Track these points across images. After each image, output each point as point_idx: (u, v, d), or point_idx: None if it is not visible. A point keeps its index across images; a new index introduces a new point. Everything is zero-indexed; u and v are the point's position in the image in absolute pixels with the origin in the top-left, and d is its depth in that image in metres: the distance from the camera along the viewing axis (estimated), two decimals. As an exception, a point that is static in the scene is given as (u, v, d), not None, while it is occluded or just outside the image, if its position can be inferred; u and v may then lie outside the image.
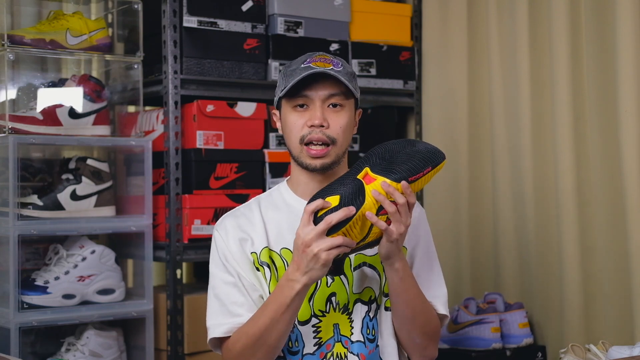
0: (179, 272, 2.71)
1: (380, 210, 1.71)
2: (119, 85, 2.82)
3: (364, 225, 1.72)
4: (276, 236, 1.91)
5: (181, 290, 2.71)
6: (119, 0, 2.84)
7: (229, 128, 2.82)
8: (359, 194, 1.70)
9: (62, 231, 2.59)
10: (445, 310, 1.95)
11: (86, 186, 2.64)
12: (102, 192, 2.68)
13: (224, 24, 2.83)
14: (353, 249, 1.74)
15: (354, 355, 1.87)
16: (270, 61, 2.91)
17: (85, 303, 2.60)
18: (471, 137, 3.23)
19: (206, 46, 2.79)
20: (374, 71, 3.13)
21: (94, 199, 2.66)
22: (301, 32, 2.97)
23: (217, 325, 1.87)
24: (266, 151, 2.87)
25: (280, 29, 2.92)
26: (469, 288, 3.22)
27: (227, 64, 2.84)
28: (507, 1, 3.03)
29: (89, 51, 2.67)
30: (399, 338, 1.92)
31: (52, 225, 2.55)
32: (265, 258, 1.89)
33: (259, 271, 1.89)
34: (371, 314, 1.90)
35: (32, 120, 2.55)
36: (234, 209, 1.99)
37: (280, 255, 1.90)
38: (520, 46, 2.96)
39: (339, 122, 1.86)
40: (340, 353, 1.87)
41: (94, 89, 2.66)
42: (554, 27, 2.81)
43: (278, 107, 1.94)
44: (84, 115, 2.64)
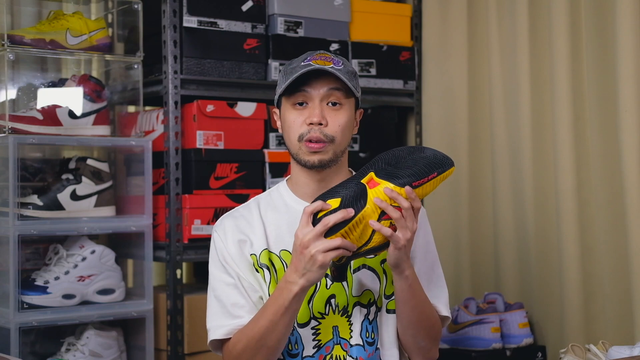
0: (179, 272, 2.71)
1: (383, 215, 1.70)
2: (119, 85, 2.82)
3: (365, 229, 1.70)
4: (275, 238, 1.90)
5: (181, 290, 2.71)
6: (119, 0, 2.84)
7: (229, 128, 2.82)
8: (360, 197, 1.69)
9: (62, 231, 2.59)
10: (447, 312, 1.94)
11: (86, 186, 2.64)
12: (102, 192, 2.68)
13: (224, 24, 2.83)
14: (354, 253, 1.72)
15: (353, 359, 1.86)
16: (270, 61, 2.91)
17: (85, 303, 2.60)
18: (471, 137, 3.23)
19: (206, 46, 2.79)
20: (374, 71, 3.13)
21: (94, 199, 2.66)
22: (301, 32, 2.97)
23: (217, 327, 1.87)
24: (266, 151, 2.87)
25: (280, 29, 2.92)
26: (469, 288, 3.22)
27: (227, 64, 2.84)
28: (507, 1, 3.03)
29: (89, 51, 2.67)
30: (402, 342, 1.91)
31: (52, 225, 2.55)
32: (264, 260, 1.89)
33: (258, 273, 1.89)
34: (370, 317, 1.89)
35: (32, 120, 2.55)
36: (233, 209, 1.98)
37: (280, 257, 1.89)
38: (520, 46, 2.96)
39: (337, 121, 1.85)
40: (340, 356, 1.87)
41: (94, 89, 2.66)
42: (554, 27, 2.81)
43: (278, 105, 1.93)
44: (84, 115, 2.64)
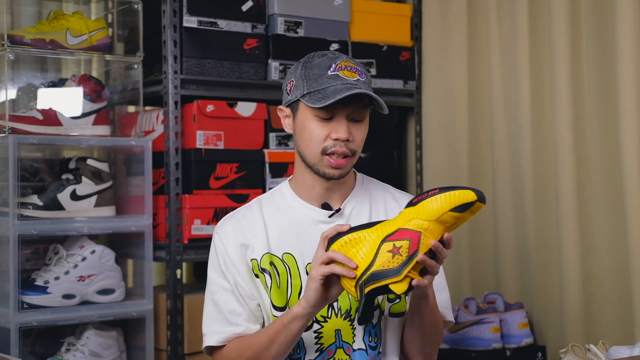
0: (179, 272, 2.71)
1: (388, 237, 1.66)
2: (119, 85, 2.82)
3: (365, 247, 1.66)
4: (278, 240, 1.88)
5: (181, 290, 2.71)
6: (119, 0, 2.84)
7: (229, 128, 2.81)
8: (372, 225, 1.68)
9: (62, 231, 2.59)
10: (452, 316, 1.94)
11: (86, 186, 2.64)
12: (102, 192, 2.68)
13: (224, 24, 2.83)
14: (360, 280, 1.64)
15: None
16: (270, 61, 2.91)
17: (85, 303, 2.60)
18: (471, 137, 3.23)
19: (206, 46, 2.79)
20: (374, 71, 3.13)
21: (94, 199, 2.66)
22: (301, 32, 2.97)
23: (213, 333, 1.86)
24: (266, 151, 2.87)
25: (280, 29, 2.92)
26: (469, 288, 3.22)
27: (227, 64, 2.84)
28: (507, 1, 3.03)
29: (89, 51, 2.67)
30: (407, 348, 1.90)
31: (52, 225, 2.55)
32: (265, 264, 1.87)
33: (258, 278, 1.87)
34: (374, 321, 1.87)
35: (32, 120, 2.55)
36: (235, 210, 1.96)
37: (283, 260, 1.87)
38: (520, 46, 2.96)
39: (360, 135, 1.85)
40: None
41: (94, 89, 2.66)
42: (554, 27, 2.81)
43: (290, 106, 1.88)
44: (84, 115, 2.64)
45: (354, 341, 1.86)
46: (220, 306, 1.86)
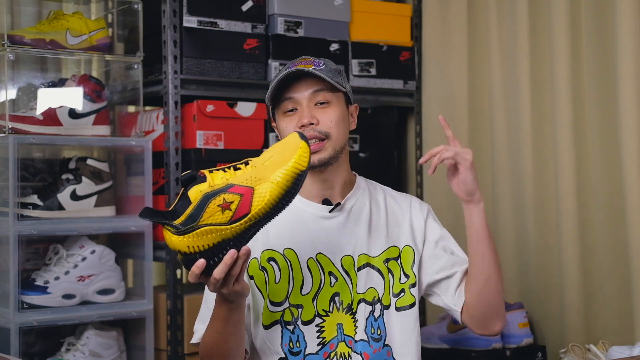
0: (179, 272, 2.71)
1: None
2: (119, 85, 2.82)
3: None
4: (279, 236, 1.90)
5: (181, 290, 2.71)
6: (119, 0, 2.84)
7: (229, 128, 2.82)
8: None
9: (62, 231, 2.59)
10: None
11: (86, 186, 2.64)
12: (102, 192, 2.68)
13: (224, 24, 2.83)
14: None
15: (357, 354, 1.87)
16: (270, 61, 2.91)
17: (85, 303, 2.60)
18: (471, 137, 3.23)
19: (206, 46, 2.79)
20: (374, 71, 3.13)
21: (94, 199, 2.66)
22: (301, 32, 2.97)
23: (196, 330, 1.89)
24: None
25: (280, 29, 2.92)
26: (469, 288, 3.21)
27: (227, 64, 2.84)
28: (507, 1, 3.03)
29: (89, 51, 2.67)
30: (479, 309, 1.91)
31: (52, 225, 2.55)
32: (264, 262, 1.88)
33: (252, 279, 1.88)
34: (376, 314, 1.89)
35: (32, 120, 2.55)
36: None
37: (284, 255, 1.89)
38: (520, 46, 2.96)
39: (328, 117, 1.88)
40: (344, 353, 1.87)
41: (94, 89, 2.66)
42: (554, 27, 2.81)
43: (274, 117, 1.96)
44: (84, 115, 2.64)
45: (355, 333, 1.88)
46: (208, 305, 1.88)
